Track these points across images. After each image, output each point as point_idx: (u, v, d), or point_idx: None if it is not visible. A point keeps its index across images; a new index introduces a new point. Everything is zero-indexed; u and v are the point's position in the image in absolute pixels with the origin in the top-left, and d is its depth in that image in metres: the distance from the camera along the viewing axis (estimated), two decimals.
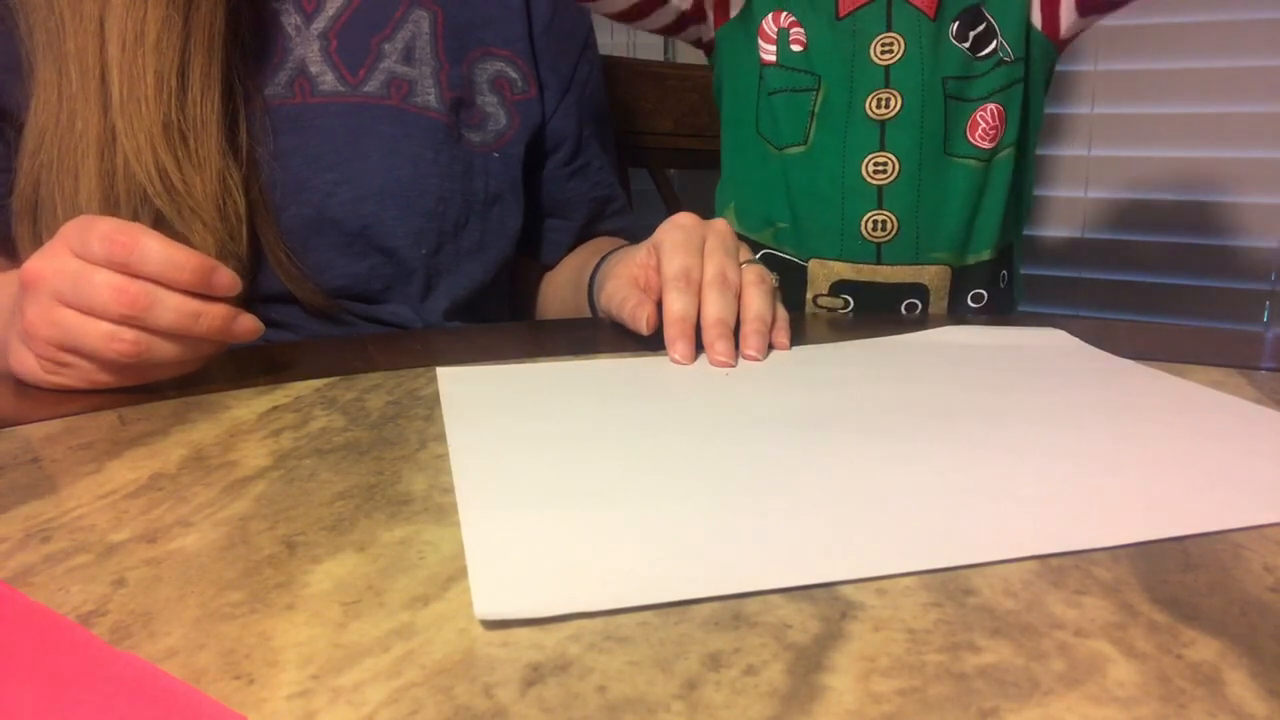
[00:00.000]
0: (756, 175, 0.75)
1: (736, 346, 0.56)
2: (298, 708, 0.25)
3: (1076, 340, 0.57)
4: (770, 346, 0.58)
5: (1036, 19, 0.72)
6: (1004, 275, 0.75)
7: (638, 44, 1.42)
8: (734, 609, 0.29)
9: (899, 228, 0.71)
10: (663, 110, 1.06)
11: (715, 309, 0.56)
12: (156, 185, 0.62)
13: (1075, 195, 1.24)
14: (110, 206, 0.62)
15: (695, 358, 0.55)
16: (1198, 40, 1.16)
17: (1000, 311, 0.75)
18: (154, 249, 0.47)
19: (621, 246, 0.76)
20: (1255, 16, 1.08)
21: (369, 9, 0.74)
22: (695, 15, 0.77)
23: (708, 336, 0.55)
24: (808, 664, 0.26)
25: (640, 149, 1.10)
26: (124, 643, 0.28)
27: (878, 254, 0.72)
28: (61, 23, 0.61)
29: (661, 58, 1.39)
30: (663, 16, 0.76)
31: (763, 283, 0.59)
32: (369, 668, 0.26)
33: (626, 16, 0.77)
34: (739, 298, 0.58)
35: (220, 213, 0.64)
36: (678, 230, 0.60)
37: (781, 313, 0.60)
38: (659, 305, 0.58)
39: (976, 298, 0.73)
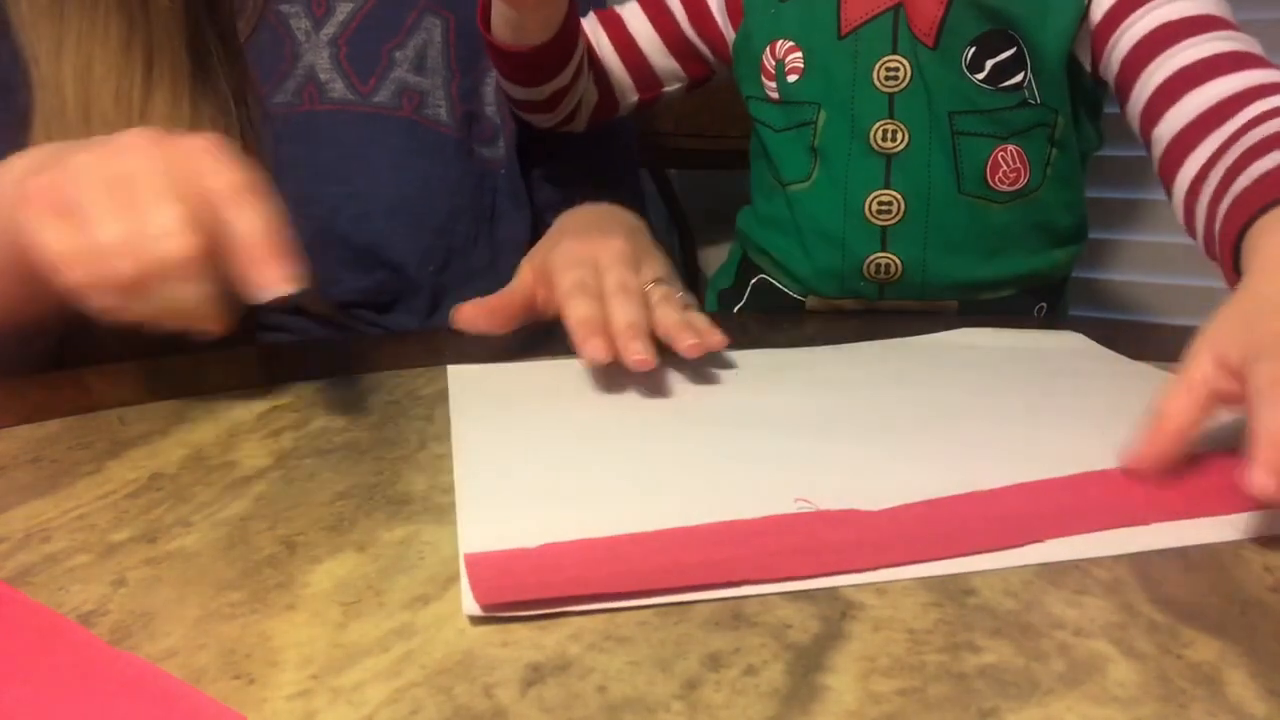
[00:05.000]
0: (765, 208, 0.73)
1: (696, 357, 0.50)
2: (298, 708, 0.25)
3: (1092, 343, 0.56)
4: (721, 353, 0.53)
5: (1084, 55, 0.62)
6: (1041, 308, 0.69)
7: None
8: (734, 609, 0.29)
9: (903, 271, 0.65)
10: (663, 110, 1.06)
11: (623, 314, 0.49)
12: None
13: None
14: None
15: (611, 354, 0.48)
16: None
17: None
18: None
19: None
20: (1255, 16, 1.08)
21: (380, 15, 0.73)
22: (698, 72, 0.75)
23: (620, 341, 0.48)
24: (808, 664, 0.26)
25: (640, 148, 1.10)
26: (124, 643, 0.28)
27: (879, 293, 0.68)
28: (30, 42, 0.62)
29: None
30: (674, 86, 0.76)
31: (669, 300, 0.53)
32: (369, 668, 0.26)
33: (646, 101, 0.77)
34: (650, 312, 0.52)
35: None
36: (566, 253, 0.56)
37: (701, 319, 0.53)
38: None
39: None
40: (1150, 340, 0.58)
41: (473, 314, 0.55)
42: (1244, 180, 0.46)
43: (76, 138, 0.61)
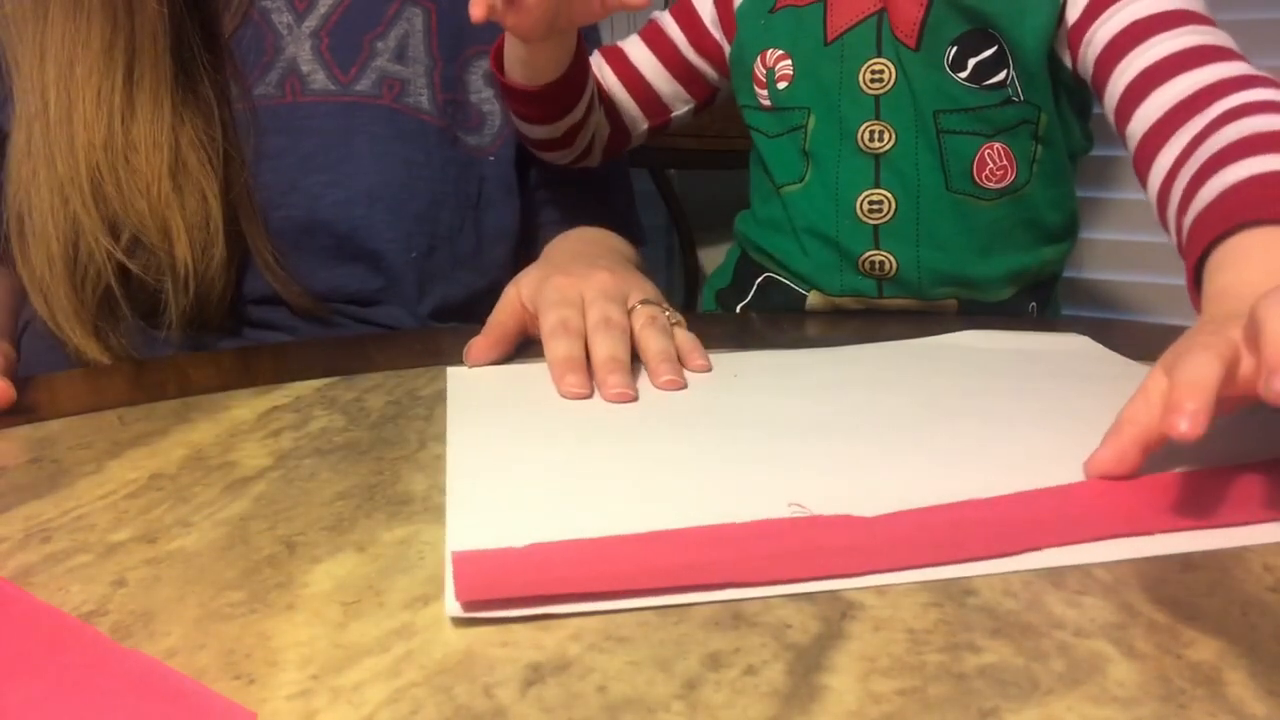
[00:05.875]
0: (762, 211, 0.74)
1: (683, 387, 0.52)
2: (298, 708, 0.25)
3: (1095, 344, 0.56)
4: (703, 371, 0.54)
5: (1064, 54, 0.63)
6: (1033, 308, 0.70)
7: None
8: (734, 609, 0.29)
9: (898, 267, 0.66)
10: None
11: (604, 348, 0.51)
12: (92, 211, 0.61)
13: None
14: (69, 226, 0.62)
15: (588, 388, 0.50)
16: None
17: None
18: None
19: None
20: (1255, 16, 1.08)
21: (362, 6, 0.73)
22: (702, 93, 0.77)
23: (599, 374, 0.50)
24: (808, 664, 0.26)
25: (640, 149, 1.10)
26: (124, 643, 0.28)
27: (879, 289, 0.68)
28: (13, 41, 0.62)
29: None
30: (682, 109, 0.78)
31: (654, 322, 0.54)
32: (369, 668, 0.27)
33: (657, 129, 0.78)
34: (634, 341, 0.54)
35: (162, 230, 0.63)
36: (553, 290, 0.57)
37: (687, 341, 0.55)
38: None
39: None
40: (1141, 339, 0.58)
41: (481, 349, 0.56)
42: (1206, 195, 0.46)
43: (58, 140, 0.62)
